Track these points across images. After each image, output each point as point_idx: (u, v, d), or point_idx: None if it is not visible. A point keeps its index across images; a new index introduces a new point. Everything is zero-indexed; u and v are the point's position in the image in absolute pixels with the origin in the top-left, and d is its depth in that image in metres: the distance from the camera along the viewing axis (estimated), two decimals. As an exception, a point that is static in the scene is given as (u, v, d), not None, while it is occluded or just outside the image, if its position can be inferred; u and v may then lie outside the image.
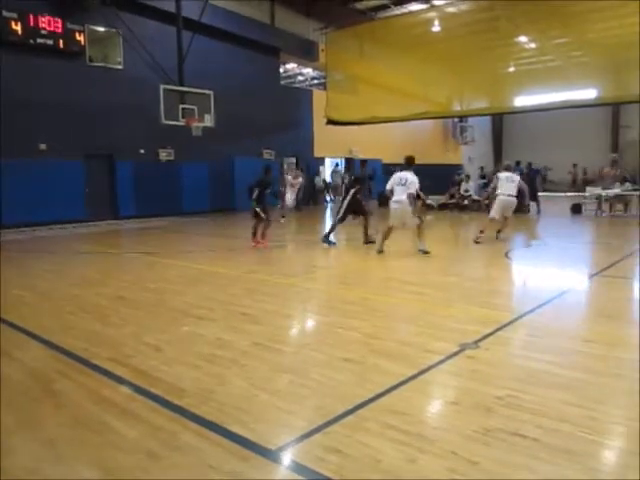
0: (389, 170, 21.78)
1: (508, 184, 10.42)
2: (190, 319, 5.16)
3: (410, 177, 8.89)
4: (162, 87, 15.64)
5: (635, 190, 16.65)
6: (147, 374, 3.67)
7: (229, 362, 3.91)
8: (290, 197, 16.93)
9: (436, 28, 17.15)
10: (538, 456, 2.54)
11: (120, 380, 3.59)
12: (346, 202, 10.15)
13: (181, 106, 16.23)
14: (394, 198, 8.94)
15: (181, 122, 16.30)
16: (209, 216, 17.80)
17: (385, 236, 9.24)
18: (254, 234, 10.29)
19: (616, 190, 16.69)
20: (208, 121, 16.91)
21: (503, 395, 3.22)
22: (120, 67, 16.48)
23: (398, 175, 9.07)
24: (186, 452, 2.63)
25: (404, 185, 8.84)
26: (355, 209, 10.22)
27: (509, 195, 10.37)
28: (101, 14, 15.72)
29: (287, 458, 2.59)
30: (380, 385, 3.37)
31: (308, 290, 6.76)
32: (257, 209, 10.02)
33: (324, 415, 2.96)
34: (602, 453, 2.67)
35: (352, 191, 10.09)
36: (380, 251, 9.10)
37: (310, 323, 5.46)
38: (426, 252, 8.77)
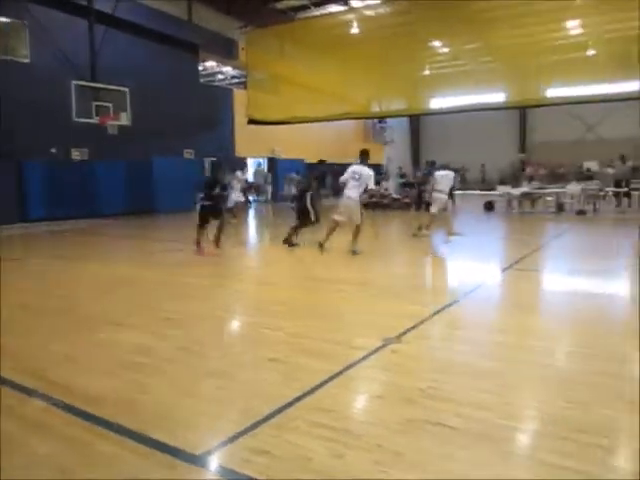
0: (314, 169, 21.84)
1: (443, 181, 10.88)
2: (108, 326, 4.93)
3: (366, 172, 8.78)
4: (74, 83, 14.90)
5: (541, 189, 17.77)
6: (60, 385, 3.47)
7: (150, 369, 3.78)
8: (236, 196, 16.02)
9: (355, 30, 17.45)
10: (459, 443, 2.64)
11: (30, 392, 3.36)
12: (309, 205, 9.64)
13: (95, 103, 15.53)
14: (346, 193, 8.84)
15: (95, 120, 15.59)
16: (126, 218, 17.12)
17: (330, 231, 9.05)
18: (199, 241, 9.21)
19: (524, 189, 17.73)
20: (124, 119, 16.30)
21: (425, 387, 3.33)
22: (26, 61, 15.46)
23: (352, 169, 8.94)
24: (106, 465, 2.52)
25: (357, 180, 8.74)
26: (304, 213, 9.73)
27: (441, 191, 10.83)
28: (5, 4, 14.71)
29: (214, 463, 2.54)
30: (306, 383, 3.38)
31: (235, 292, 6.68)
32: (208, 212, 9.05)
33: (251, 417, 2.93)
34: (517, 437, 2.82)
35: (309, 194, 9.71)
36: (321, 245, 8.97)
37: (236, 325, 5.40)
38: (356, 253, 8.77)
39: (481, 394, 3.23)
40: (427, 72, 19.33)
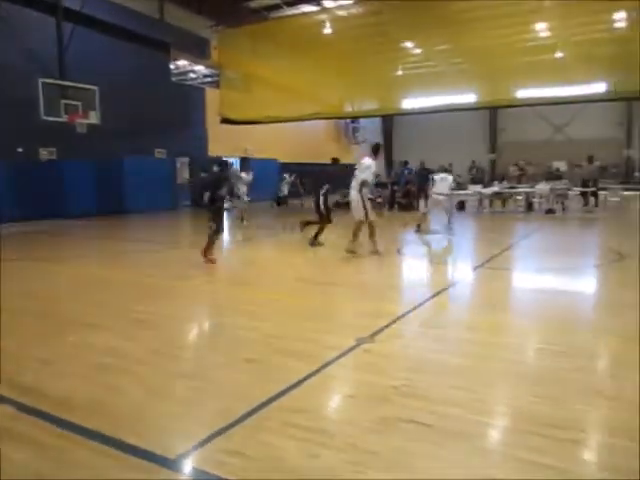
0: (288, 169, 21.94)
1: (442, 184, 11.23)
2: (78, 328, 4.85)
3: (366, 162, 8.43)
4: (41, 81, 14.57)
5: (512, 188, 18.08)
6: (31, 389, 3.40)
7: (122, 371, 3.72)
8: (245, 198, 15.45)
9: (327, 30, 17.49)
10: (433, 441, 2.68)
11: (1, 399, 3.28)
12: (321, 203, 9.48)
13: (63, 101, 15.22)
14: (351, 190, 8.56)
15: (64, 119, 15.28)
16: (97, 218, 16.83)
17: (355, 233, 8.61)
18: (207, 248, 8.13)
19: (495, 188, 18.02)
20: (93, 118, 16.02)
21: (398, 385, 3.36)
22: (-9, 58, 15.10)
23: (360, 161, 8.66)
24: (80, 470, 2.48)
25: (355, 175, 8.46)
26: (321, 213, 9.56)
27: (439, 194, 11.21)
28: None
29: (188, 465, 2.53)
30: (281, 384, 3.38)
31: (209, 292, 6.63)
32: (215, 213, 8.17)
33: (225, 418, 2.92)
34: (491, 433, 2.87)
35: (322, 191, 9.48)
36: (351, 251, 8.51)
37: (210, 326, 5.36)
38: (376, 253, 8.53)
39: (454, 391, 3.27)
40: (399, 72, 19.47)
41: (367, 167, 8.41)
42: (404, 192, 18.68)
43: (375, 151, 8.79)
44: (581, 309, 5.59)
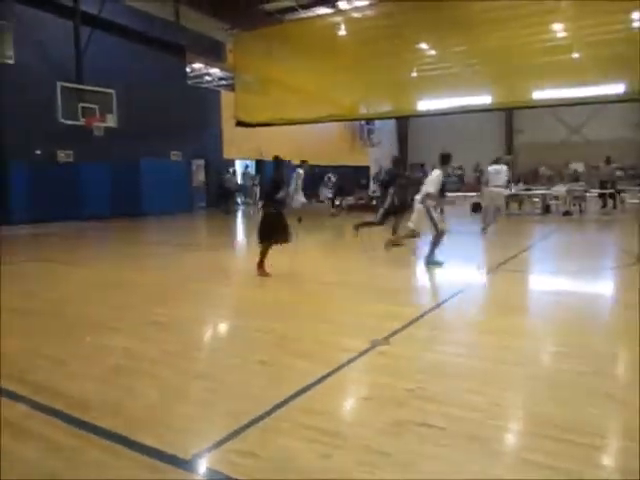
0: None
1: (496, 177, 10.92)
2: (95, 329, 4.90)
3: (434, 174, 7.89)
4: (59, 84, 14.79)
5: (528, 190, 17.93)
6: (47, 389, 3.44)
7: (138, 372, 3.75)
8: (300, 196, 14.21)
9: (342, 32, 17.50)
10: (445, 444, 2.66)
11: (16, 397, 3.32)
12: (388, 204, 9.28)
13: (80, 105, 15.43)
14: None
15: (81, 122, 15.49)
16: (114, 220, 17.00)
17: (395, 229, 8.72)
18: (262, 259, 7.26)
19: (512, 190, 17.86)
20: (110, 121, 16.23)
21: (413, 388, 3.34)
22: (11, 62, 15.32)
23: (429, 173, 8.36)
24: (94, 470, 2.50)
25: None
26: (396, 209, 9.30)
27: (496, 186, 10.87)
28: (-12, 5, 14.60)
29: (202, 466, 2.54)
30: (295, 386, 3.38)
31: (224, 295, 6.65)
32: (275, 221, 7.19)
33: (239, 419, 2.93)
34: (505, 436, 2.84)
35: (391, 190, 9.34)
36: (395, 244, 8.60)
37: (224, 327, 5.38)
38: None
39: (468, 395, 3.25)
40: (414, 74, 19.41)
41: (431, 180, 7.79)
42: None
43: (444, 161, 8.11)
44: (596, 312, 5.52)
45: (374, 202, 19.45)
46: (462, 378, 3.54)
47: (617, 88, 15.77)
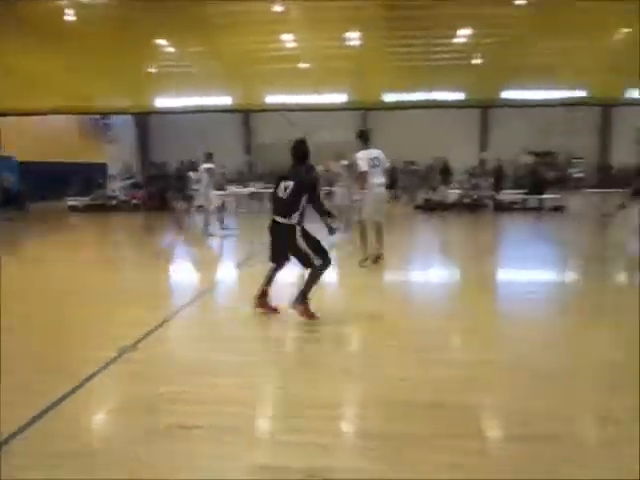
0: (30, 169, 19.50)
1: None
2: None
3: (382, 155, 7.21)
4: None
5: (266, 188, 19.00)
6: None
7: None
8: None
9: (72, 18, 15.94)
10: (208, 440, 2.73)
11: None
12: None
13: None
14: (375, 181, 7.14)
15: None
16: None
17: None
18: (265, 291, 5.21)
19: (252, 189, 18.72)
20: None
21: (164, 392, 3.31)
22: None
23: (368, 153, 7.17)
24: None
25: (378, 166, 7.13)
26: None
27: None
28: None
29: None
30: (37, 407, 3.07)
31: None
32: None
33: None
34: (258, 424, 3.03)
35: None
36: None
37: None
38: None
39: (222, 390, 3.36)
40: (153, 70, 18.83)
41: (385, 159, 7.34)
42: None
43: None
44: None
45: (114, 202, 18.28)
46: (215, 375, 3.61)
47: (341, 97, 18.06)
